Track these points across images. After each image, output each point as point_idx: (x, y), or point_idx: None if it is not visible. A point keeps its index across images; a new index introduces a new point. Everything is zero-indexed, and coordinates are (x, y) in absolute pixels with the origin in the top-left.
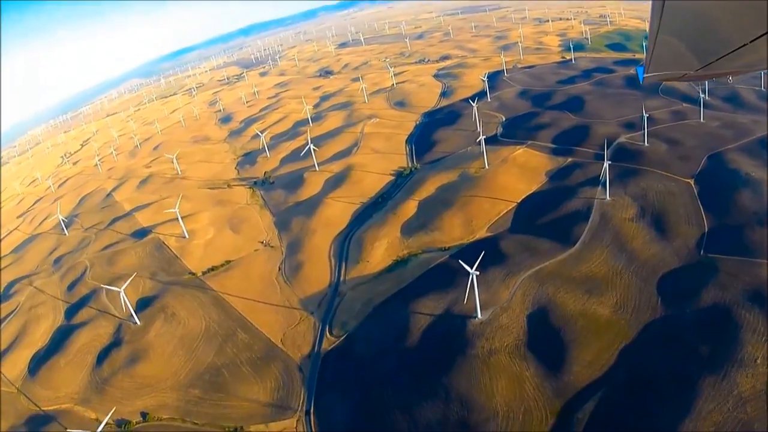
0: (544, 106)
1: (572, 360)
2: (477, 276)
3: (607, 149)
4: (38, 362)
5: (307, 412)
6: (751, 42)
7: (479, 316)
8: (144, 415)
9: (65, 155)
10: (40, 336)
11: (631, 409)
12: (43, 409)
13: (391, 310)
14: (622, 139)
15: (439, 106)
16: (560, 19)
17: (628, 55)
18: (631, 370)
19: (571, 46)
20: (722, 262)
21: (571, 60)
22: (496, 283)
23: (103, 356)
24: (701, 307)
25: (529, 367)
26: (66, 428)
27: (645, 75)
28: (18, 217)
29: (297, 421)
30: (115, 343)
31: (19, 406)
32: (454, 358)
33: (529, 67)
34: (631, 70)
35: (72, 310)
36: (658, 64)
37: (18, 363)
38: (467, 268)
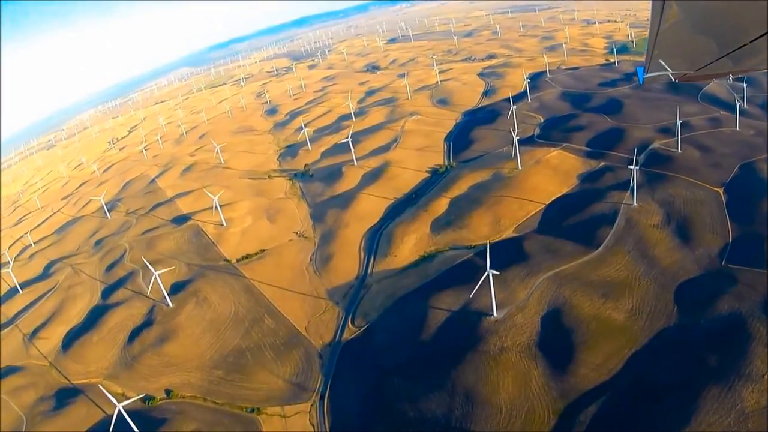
0: (583, 108)
1: (580, 362)
2: (497, 275)
3: (637, 154)
4: (72, 338)
5: (322, 398)
6: (751, 42)
7: (495, 314)
8: (168, 392)
9: (112, 141)
10: (75, 314)
11: (632, 415)
12: (72, 382)
13: (411, 304)
14: (656, 144)
15: (480, 105)
16: (608, 21)
17: None
18: (638, 376)
19: (615, 49)
20: (742, 273)
21: (614, 62)
22: (515, 283)
23: (134, 335)
24: (716, 316)
25: (537, 367)
26: (93, 401)
27: (645, 75)
28: (62, 199)
29: (311, 405)
30: (147, 323)
31: (49, 378)
32: (465, 354)
33: (573, 68)
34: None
35: (108, 291)
36: (658, 64)
37: (52, 338)
38: (489, 269)
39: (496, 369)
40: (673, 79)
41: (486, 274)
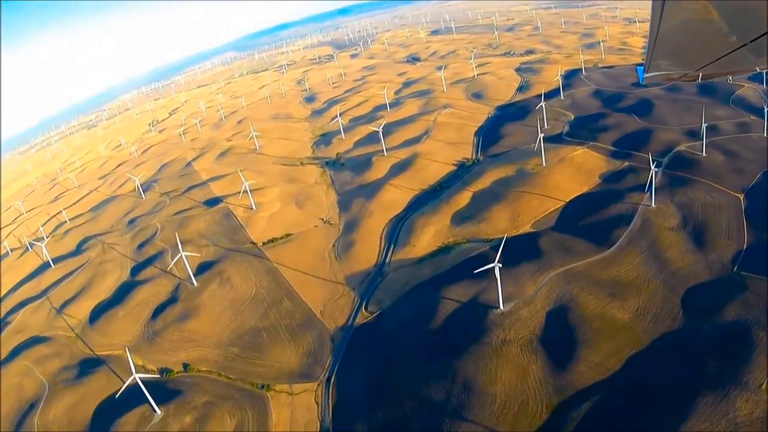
0: (614, 108)
1: (580, 359)
2: (508, 269)
3: (662, 156)
4: (99, 312)
5: (328, 378)
6: (751, 42)
7: (501, 307)
8: (185, 366)
9: (152, 123)
10: (104, 289)
11: (624, 415)
12: (96, 353)
13: (423, 294)
14: (682, 147)
15: (513, 101)
16: (648, 20)
17: None
18: (635, 377)
19: None
20: (753, 280)
21: None
22: (525, 278)
23: (158, 311)
24: (720, 323)
25: (536, 361)
26: (114, 372)
27: (645, 75)
28: (99, 178)
29: (318, 385)
30: (171, 301)
31: (74, 349)
32: (469, 344)
33: (608, 67)
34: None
35: (137, 268)
36: (658, 64)
37: (80, 312)
38: (496, 262)
39: (496, 360)
40: (673, 79)
41: (492, 266)
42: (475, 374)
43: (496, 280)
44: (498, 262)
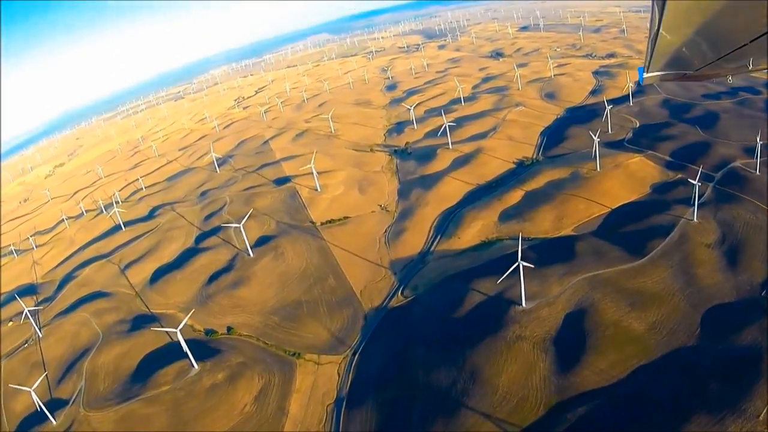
0: (679, 118)
1: (586, 364)
2: (532, 268)
3: (709, 170)
4: (160, 274)
5: (354, 353)
6: (751, 42)
7: (524, 304)
8: (229, 329)
9: (238, 99)
10: (168, 253)
11: (616, 424)
12: (151, 311)
13: (456, 284)
14: (737, 163)
15: (584, 103)
16: None
17: None
18: (635, 389)
19: None
20: None
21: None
22: (553, 279)
23: (213, 277)
24: (734, 345)
25: (545, 360)
26: (164, 328)
27: (645, 75)
28: (179, 149)
29: (343, 359)
30: (227, 269)
31: (132, 305)
32: (484, 336)
33: None
34: None
35: (202, 237)
36: (658, 64)
37: (143, 273)
38: (519, 260)
39: (506, 354)
40: (674, 80)
41: (515, 268)
42: (484, 365)
43: (520, 277)
44: (520, 261)
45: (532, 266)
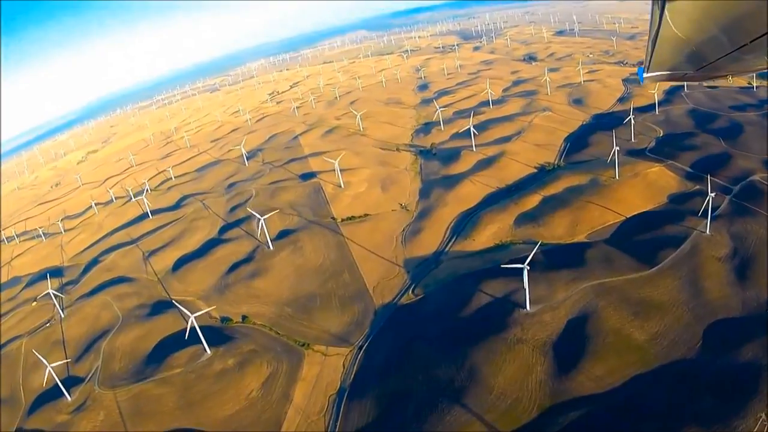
0: (704, 129)
1: (582, 370)
2: (545, 274)
3: (728, 183)
4: (182, 262)
5: (360, 347)
6: (751, 42)
7: (528, 308)
8: (244, 317)
9: (272, 93)
10: (192, 243)
11: (605, 431)
12: (171, 297)
13: (465, 284)
14: (756, 176)
15: (611, 110)
16: None
17: None
18: (629, 398)
19: (760, 74)
20: None
21: (753, 87)
22: (560, 284)
23: (233, 268)
24: (734, 361)
25: (542, 363)
26: (182, 314)
27: (645, 75)
28: (211, 141)
29: (350, 351)
30: (247, 260)
31: (153, 291)
32: (486, 336)
33: (712, 87)
34: None
35: (225, 228)
36: (658, 65)
37: (166, 260)
38: (525, 264)
39: (505, 355)
40: (674, 80)
41: (521, 267)
42: (482, 365)
43: (524, 281)
44: (527, 265)
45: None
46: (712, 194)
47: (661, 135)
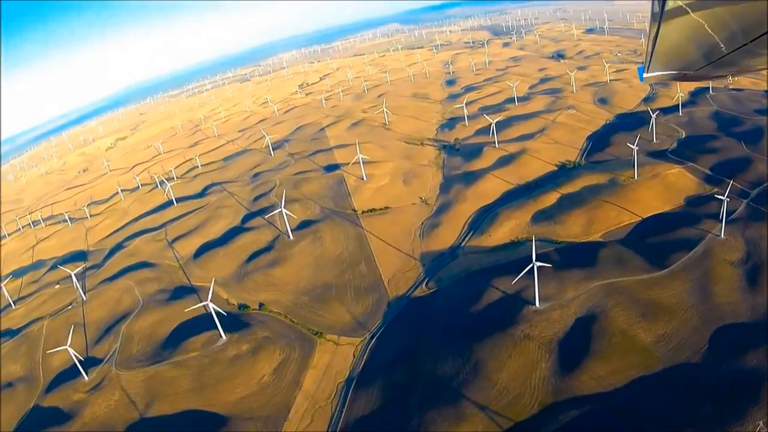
0: (726, 132)
1: (587, 369)
2: (557, 272)
3: (747, 187)
4: (204, 249)
5: (372, 337)
6: (751, 42)
7: (537, 305)
8: (260, 305)
9: (302, 85)
10: (215, 230)
11: (604, 431)
12: (192, 283)
13: (477, 280)
14: None
15: (635, 110)
16: None
17: None
18: (630, 398)
19: None
20: None
21: None
22: (570, 283)
23: (253, 256)
24: (737, 367)
25: (547, 360)
26: (201, 300)
27: (645, 75)
28: (239, 131)
29: (361, 341)
30: (267, 249)
31: (174, 277)
32: (494, 332)
33: (738, 89)
34: None
35: (248, 217)
36: (658, 64)
37: (188, 247)
38: (534, 261)
39: (511, 351)
40: (674, 80)
41: (531, 265)
42: (488, 360)
43: (534, 278)
44: (535, 262)
45: (549, 265)
46: (726, 198)
47: (683, 136)
